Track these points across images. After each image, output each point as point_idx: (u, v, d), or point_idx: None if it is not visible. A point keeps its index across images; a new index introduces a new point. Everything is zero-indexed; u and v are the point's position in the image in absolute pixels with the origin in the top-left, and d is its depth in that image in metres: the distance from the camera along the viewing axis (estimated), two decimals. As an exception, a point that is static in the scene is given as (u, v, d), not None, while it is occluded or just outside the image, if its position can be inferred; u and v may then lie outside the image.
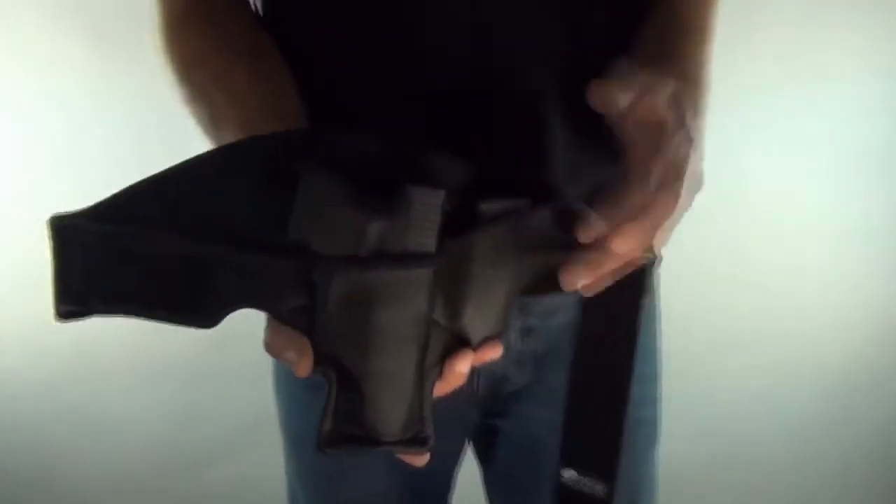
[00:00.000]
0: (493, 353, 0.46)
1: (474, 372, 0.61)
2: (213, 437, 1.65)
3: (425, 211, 0.40)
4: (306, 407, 0.69)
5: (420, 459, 0.45)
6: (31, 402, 1.65)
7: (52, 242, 0.37)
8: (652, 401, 0.69)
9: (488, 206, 0.44)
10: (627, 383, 0.59)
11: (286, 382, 0.72)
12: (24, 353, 1.63)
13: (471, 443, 0.76)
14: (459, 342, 0.45)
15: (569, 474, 0.60)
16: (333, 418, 0.42)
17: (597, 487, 0.60)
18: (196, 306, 0.40)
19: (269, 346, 0.43)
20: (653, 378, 0.70)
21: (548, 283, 0.56)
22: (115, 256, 0.38)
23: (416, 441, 0.44)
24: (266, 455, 0.97)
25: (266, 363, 0.69)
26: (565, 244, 0.47)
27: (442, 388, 0.45)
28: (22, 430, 1.67)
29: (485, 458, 0.76)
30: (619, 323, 0.59)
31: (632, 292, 0.58)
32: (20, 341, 1.63)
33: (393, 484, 0.68)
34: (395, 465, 0.65)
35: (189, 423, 1.67)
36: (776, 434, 1.71)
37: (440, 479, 0.74)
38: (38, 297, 1.71)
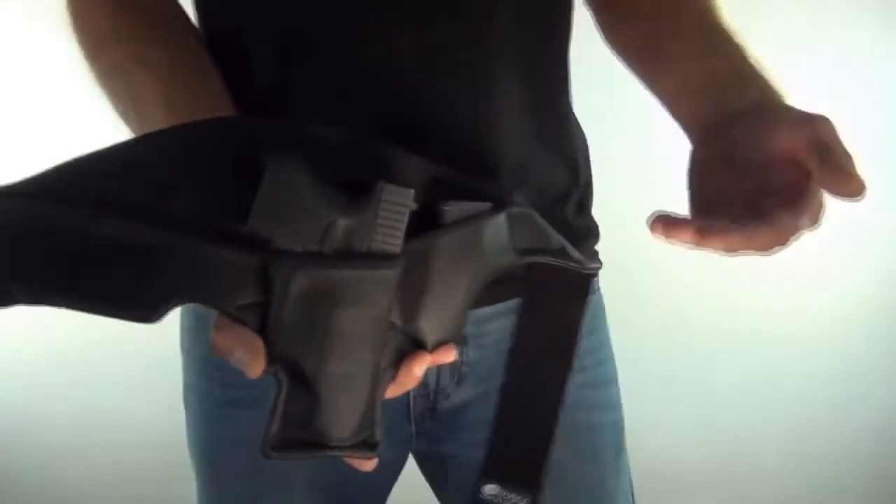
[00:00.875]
0: (448, 356, 0.45)
1: None
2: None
3: (393, 210, 0.39)
4: (221, 425, 0.63)
5: (368, 464, 0.44)
6: (31, 402, 1.65)
7: None
8: (611, 405, 0.66)
9: (450, 208, 0.43)
10: (562, 386, 0.58)
11: (198, 398, 0.65)
12: (24, 353, 1.63)
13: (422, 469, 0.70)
14: (414, 345, 0.44)
15: (490, 489, 0.59)
16: (281, 423, 0.40)
17: (521, 502, 0.58)
18: (134, 299, 0.36)
19: (217, 346, 0.39)
20: (611, 381, 0.67)
21: (493, 291, 0.54)
22: (44, 239, 0.34)
23: (366, 445, 0.43)
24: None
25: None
26: (518, 252, 0.47)
27: (394, 391, 0.44)
28: (22, 430, 1.67)
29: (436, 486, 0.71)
30: (558, 329, 0.59)
31: (573, 300, 0.59)
32: (20, 341, 1.63)
33: None
34: (319, 486, 0.61)
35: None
36: (776, 434, 1.71)
37: (372, 499, 0.67)
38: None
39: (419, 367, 0.43)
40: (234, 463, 0.63)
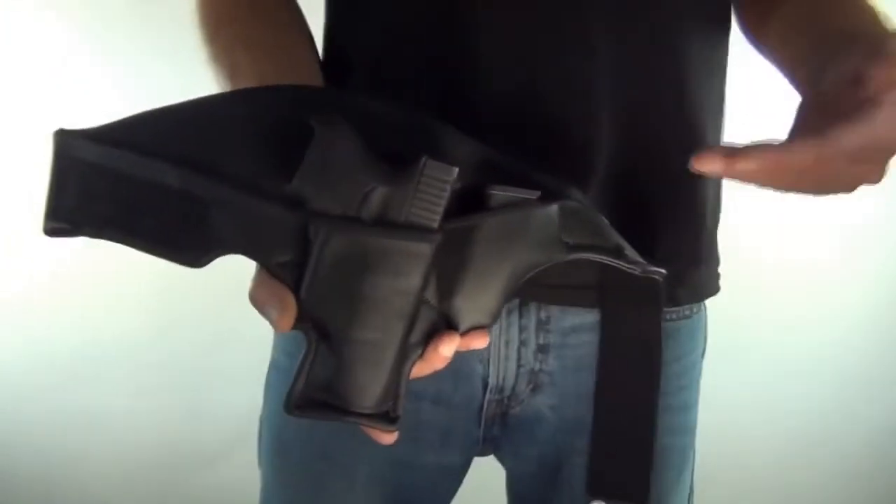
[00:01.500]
0: (480, 341, 0.45)
1: (484, 386, 0.60)
2: (213, 437, 1.65)
3: (434, 185, 0.40)
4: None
5: (387, 437, 0.44)
6: (31, 402, 1.65)
7: (52, 156, 0.37)
8: (684, 430, 0.66)
9: (498, 193, 0.44)
10: (653, 405, 0.57)
11: (279, 375, 0.67)
12: (24, 353, 1.63)
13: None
14: (447, 325, 0.44)
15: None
16: (307, 381, 0.41)
17: None
18: (184, 243, 0.39)
19: (253, 298, 0.42)
20: (690, 406, 0.67)
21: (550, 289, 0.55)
22: (112, 180, 0.38)
23: (385, 417, 0.43)
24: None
25: (266, 363, 0.69)
26: (567, 246, 0.47)
27: (421, 369, 0.44)
28: (22, 430, 1.67)
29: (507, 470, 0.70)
30: (636, 343, 0.58)
31: (647, 310, 0.57)
32: (20, 341, 1.63)
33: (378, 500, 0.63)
34: (381, 480, 0.61)
35: (189, 423, 1.67)
36: (776, 434, 1.71)
37: (433, 499, 0.67)
38: (39, 299, 1.72)
39: (447, 347, 0.43)
40: (304, 445, 0.64)
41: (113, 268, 1.43)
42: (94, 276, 1.58)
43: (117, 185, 0.38)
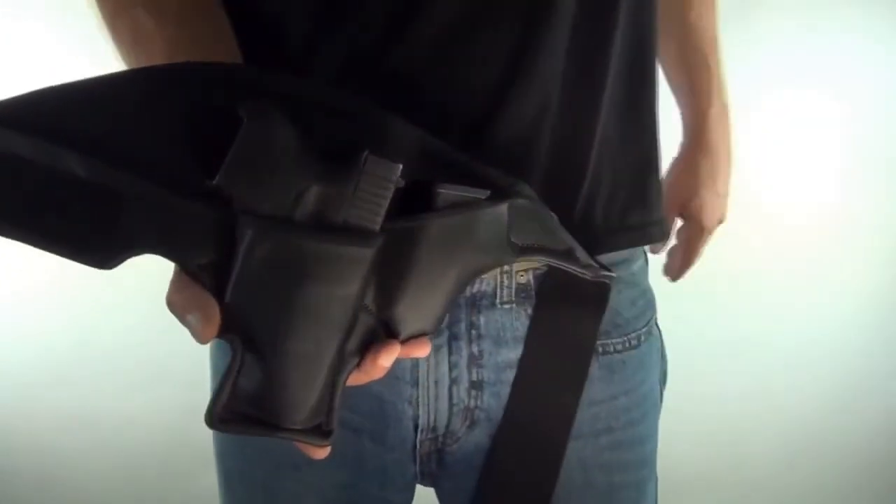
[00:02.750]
0: (422, 350, 0.41)
1: (415, 425, 0.56)
2: (212, 437, 1.65)
3: (376, 183, 0.36)
4: (238, 439, 0.60)
5: (320, 452, 0.40)
6: (31, 402, 1.65)
7: None
8: (639, 463, 0.61)
9: (446, 192, 0.40)
10: (570, 415, 0.54)
11: None
12: (24, 353, 1.63)
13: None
14: (386, 332, 0.40)
15: None
16: (231, 394, 0.37)
17: None
18: (92, 242, 0.34)
19: (171, 304, 0.37)
20: (646, 439, 0.62)
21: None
22: (5, 167, 0.33)
23: (319, 432, 0.39)
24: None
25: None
26: (516, 248, 0.44)
27: (358, 378, 0.40)
28: (22, 430, 1.67)
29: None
30: (565, 347, 0.54)
31: (585, 314, 0.53)
32: (20, 341, 1.63)
33: None
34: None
35: (189, 423, 1.66)
36: (776, 435, 1.71)
37: None
38: (38, 297, 1.72)
39: (386, 358, 0.40)
40: (247, 479, 0.61)
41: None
42: (94, 276, 1.57)
43: (10, 171, 0.33)
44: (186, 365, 1.75)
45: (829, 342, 1.71)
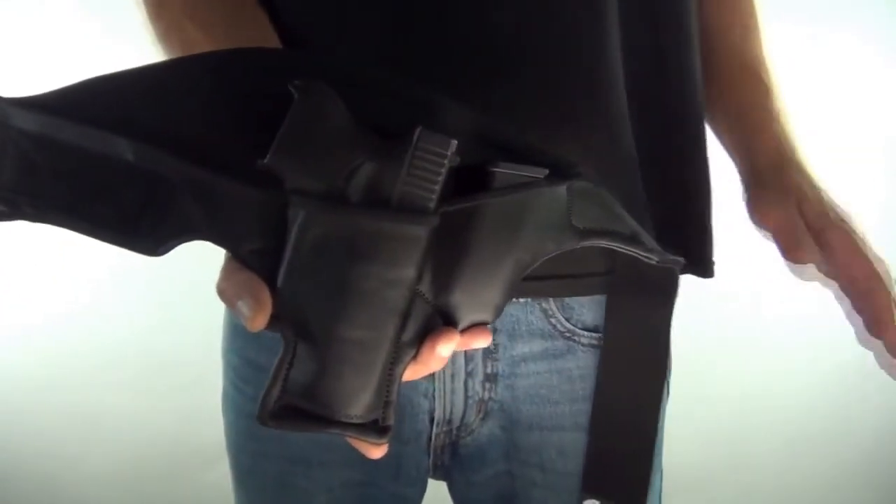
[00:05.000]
0: (482, 340, 0.40)
1: (431, 419, 0.57)
2: (213, 437, 1.65)
3: (431, 160, 0.35)
4: (249, 438, 0.60)
5: (376, 451, 0.39)
6: (31, 402, 1.65)
7: None
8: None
9: (502, 171, 0.38)
10: (658, 401, 0.53)
11: (229, 407, 0.62)
12: (24, 353, 1.63)
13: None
14: (444, 321, 0.38)
15: (590, 503, 0.55)
16: (283, 387, 0.35)
17: None
18: (141, 229, 0.34)
19: (221, 291, 0.36)
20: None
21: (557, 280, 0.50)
22: (56, 154, 0.32)
23: (374, 428, 0.37)
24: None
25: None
26: (579, 232, 0.41)
27: (416, 371, 0.39)
28: (22, 430, 1.67)
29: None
30: (644, 334, 0.53)
31: (658, 300, 0.52)
32: (20, 341, 1.63)
33: None
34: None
35: (189, 423, 1.67)
36: (775, 435, 1.71)
37: None
38: (38, 297, 1.72)
39: (445, 347, 0.38)
40: (259, 476, 0.61)
41: (113, 267, 1.43)
42: (94, 276, 1.57)
43: (62, 159, 0.33)
44: (188, 365, 1.76)
45: (829, 342, 1.71)
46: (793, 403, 1.71)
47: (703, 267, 0.59)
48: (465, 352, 0.55)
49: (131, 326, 1.61)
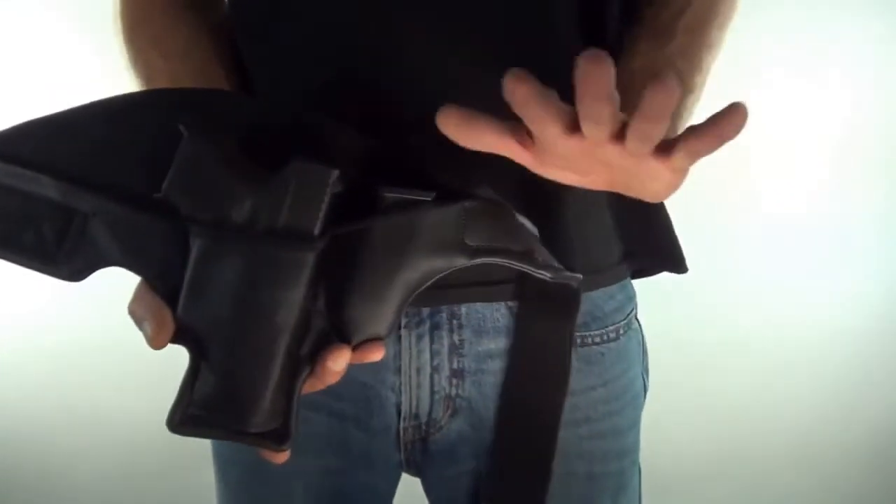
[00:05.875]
0: (375, 353, 0.42)
1: (398, 412, 0.58)
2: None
3: (310, 188, 0.38)
4: None
5: (279, 457, 0.42)
6: (31, 402, 1.65)
7: None
8: (621, 453, 0.62)
9: (390, 193, 0.41)
10: (556, 419, 0.55)
11: None
12: (24, 353, 1.63)
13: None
14: (338, 337, 0.41)
15: None
16: (189, 399, 0.39)
17: None
18: (62, 257, 0.38)
19: (132, 313, 0.40)
20: (628, 429, 0.63)
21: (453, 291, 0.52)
22: None
23: (274, 436, 0.40)
24: (266, 455, 0.97)
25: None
26: (470, 250, 0.44)
27: (313, 385, 0.42)
28: (22, 430, 1.67)
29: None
30: (546, 349, 0.55)
31: (562, 316, 0.54)
32: (20, 341, 1.63)
33: None
34: (318, 498, 0.60)
35: (189, 423, 1.67)
36: (775, 435, 1.71)
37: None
38: (38, 297, 1.72)
39: (336, 362, 0.41)
40: (238, 464, 0.63)
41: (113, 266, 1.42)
42: (94, 276, 1.57)
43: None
44: (187, 365, 1.76)
45: (829, 342, 1.71)
46: (794, 403, 1.71)
47: (673, 263, 0.61)
48: (431, 346, 0.56)
49: (130, 325, 1.61)
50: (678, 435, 1.61)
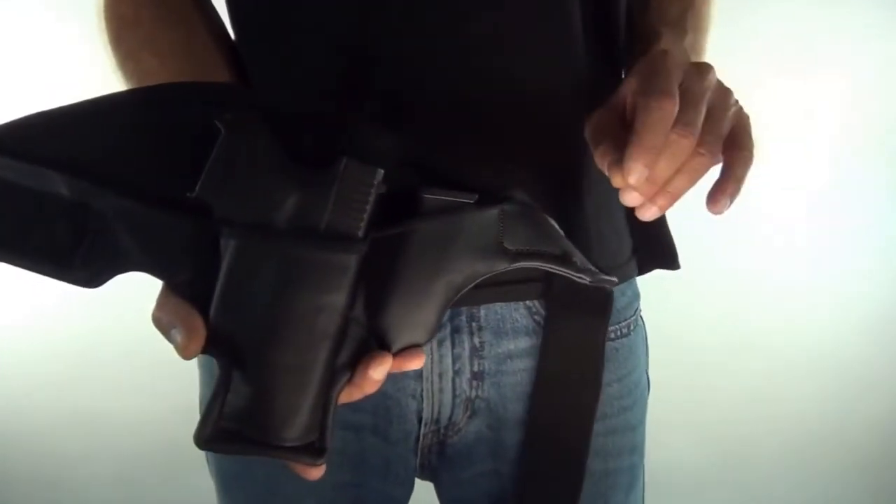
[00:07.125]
0: (416, 362, 0.40)
1: (419, 419, 0.57)
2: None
3: (357, 189, 0.36)
4: None
5: (314, 472, 0.39)
6: (31, 402, 1.65)
7: None
8: (631, 449, 0.62)
9: (431, 196, 0.39)
10: (590, 422, 0.54)
11: None
12: (24, 353, 1.63)
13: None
14: (378, 345, 0.39)
15: None
16: (220, 412, 0.36)
17: None
18: (77, 261, 0.35)
19: (157, 320, 0.37)
20: (637, 425, 0.63)
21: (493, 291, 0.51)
22: None
23: (311, 450, 0.38)
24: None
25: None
26: (510, 254, 0.42)
27: (351, 394, 0.40)
28: (22, 430, 1.67)
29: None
30: (579, 352, 0.54)
31: (595, 319, 0.53)
32: (20, 341, 1.63)
33: None
34: None
35: (189, 423, 1.66)
36: (775, 435, 1.71)
37: None
38: (38, 297, 1.72)
39: (377, 371, 0.38)
40: (246, 481, 0.61)
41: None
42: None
43: (1, 196, 0.34)
44: (187, 365, 1.76)
45: (829, 342, 1.71)
46: (794, 404, 1.71)
47: (669, 259, 0.61)
48: (452, 350, 0.56)
49: (131, 326, 1.61)
50: (679, 435, 1.61)
